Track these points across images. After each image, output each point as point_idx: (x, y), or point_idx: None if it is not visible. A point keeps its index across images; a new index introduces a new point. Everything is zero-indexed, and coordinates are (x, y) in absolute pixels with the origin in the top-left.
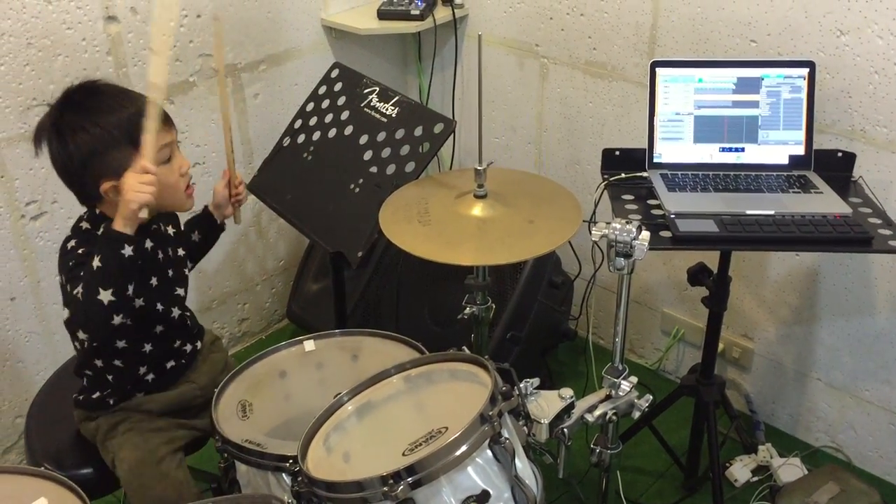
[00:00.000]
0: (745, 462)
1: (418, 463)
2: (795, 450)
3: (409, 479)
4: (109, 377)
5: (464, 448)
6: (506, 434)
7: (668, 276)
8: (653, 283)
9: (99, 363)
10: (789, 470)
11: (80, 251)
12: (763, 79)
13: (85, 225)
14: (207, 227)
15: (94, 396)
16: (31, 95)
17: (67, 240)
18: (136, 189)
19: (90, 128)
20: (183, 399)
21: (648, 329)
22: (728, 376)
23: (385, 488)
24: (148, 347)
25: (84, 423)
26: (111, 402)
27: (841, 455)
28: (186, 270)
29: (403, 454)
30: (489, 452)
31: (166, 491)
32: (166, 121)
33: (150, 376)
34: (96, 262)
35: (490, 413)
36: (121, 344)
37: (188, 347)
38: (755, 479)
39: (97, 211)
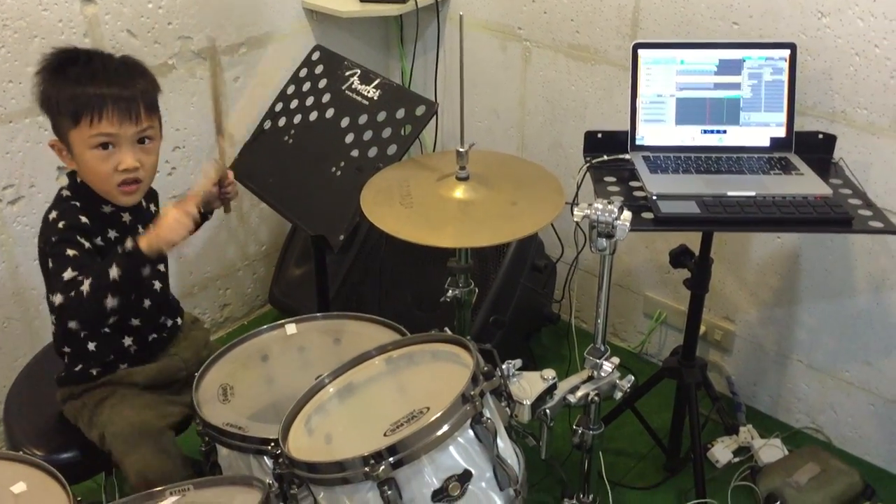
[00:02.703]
0: (727, 443)
1: (400, 443)
2: (776, 431)
3: (391, 458)
4: (91, 346)
5: (445, 428)
6: (487, 414)
7: (651, 260)
8: (635, 267)
9: (82, 335)
10: (770, 451)
11: (60, 225)
12: (745, 60)
13: (66, 192)
14: None
15: (77, 369)
16: (6, 78)
17: (49, 210)
18: (172, 228)
19: (49, 91)
20: (167, 371)
21: (631, 312)
22: (709, 358)
23: (366, 468)
24: (136, 322)
25: (68, 402)
26: (94, 372)
27: (821, 436)
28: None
29: (385, 434)
30: (471, 432)
31: (165, 466)
32: (119, 112)
33: (133, 347)
34: (114, 273)
35: (472, 393)
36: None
37: (169, 322)
38: (736, 459)
39: (78, 180)
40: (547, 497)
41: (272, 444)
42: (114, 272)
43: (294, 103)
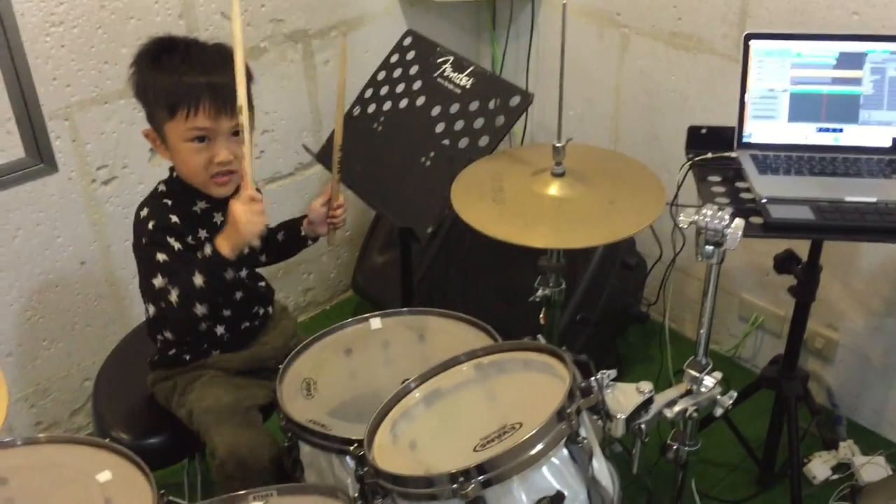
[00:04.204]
0: (825, 458)
1: (490, 461)
2: (879, 447)
3: (481, 477)
4: (187, 337)
5: (539, 447)
6: (583, 433)
7: (750, 261)
8: (732, 268)
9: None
10: (872, 469)
11: (150, 225)
12: (867, 54)
13: (161, 187)
14: (292, 235)
15: (171, 353)
16: (102, 59)
17: (141, 205)
18: (248, 220)
19: (146, 80)
20: (258, 358)
21: (725, 314)
22: (809, 367)
23: (455, 486)
24: (227, 312)
25: (159, 384)
26: (188, 357)
27: None
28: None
29: (475, 450)
30: (565, 452)
31: (254, 440)
32: (216, 105)
33: (226, 336)
34: (198, 281)
35: (568, 410)
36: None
37: (260, 311)
38: (835, 477)
39: (174, 174)
40: None
41: (355, 444)
42: (198, 279)
43: (384, 90)
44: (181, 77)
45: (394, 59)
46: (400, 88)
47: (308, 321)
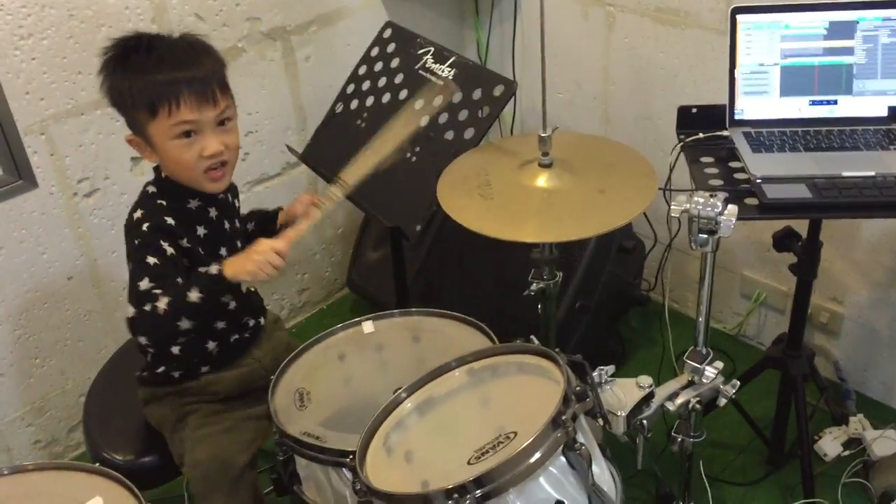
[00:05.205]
0: (836, 435)
1: (486, 475)
2: (890, 420)
3: (477, 492)
4: (175, 350)
5: (536, 457)
6: (581, 439)
7: (749, 237)
8: (732, 244)
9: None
10: (884, 444)
11: (144, 226)
12: (858, 22)
13: (151, 189)
14: (263, 228)
15: (159, 371)
16: (75, 69)
17: (134, 207)
18: (261, 266)
19: (119, 85)
20: (248, 379)
21: (727, 292)
22: (815, 342)
23: (450, 502)
24: (221, 325)
25: (150, 405)
26: (176, 375)
27: None
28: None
29: (469, 462)
30: (563, 459)
31: None
32: (196, 96)
33: (216, 350)
34: (193, 297)
35: (563, 417)
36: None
37: (251, 322)
38: (846, 453)
39: (163, 174)
40: (640, 492)
41: (350, 456)
42: (194, 295)
43: (366, 84)
44: (155, 76)
45: (374, 52)
46: (382, 83)
47: (304, 322)
